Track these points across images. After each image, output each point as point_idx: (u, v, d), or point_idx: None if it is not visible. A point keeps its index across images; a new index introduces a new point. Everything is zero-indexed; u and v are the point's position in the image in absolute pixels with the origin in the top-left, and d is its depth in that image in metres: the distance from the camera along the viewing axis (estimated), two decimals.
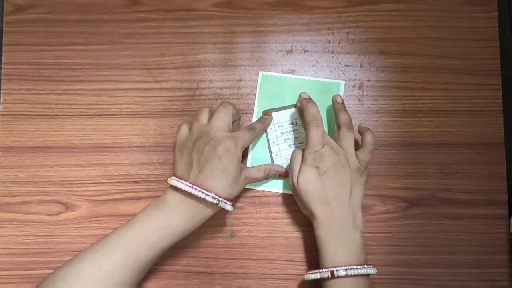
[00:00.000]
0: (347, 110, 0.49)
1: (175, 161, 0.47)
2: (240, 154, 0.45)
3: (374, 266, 0.44)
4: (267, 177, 0.49)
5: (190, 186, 0.42)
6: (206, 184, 0.43)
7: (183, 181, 0.43)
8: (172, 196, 0.44)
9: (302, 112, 0.49)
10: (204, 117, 0.47)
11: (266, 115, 0.51)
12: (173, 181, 0.44)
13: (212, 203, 0.42)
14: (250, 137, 0.47)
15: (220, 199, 0.43)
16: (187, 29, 0.54)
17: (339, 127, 0.48)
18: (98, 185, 0.52)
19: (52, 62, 0.54)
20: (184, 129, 0.48)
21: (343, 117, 0.48)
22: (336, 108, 0.49)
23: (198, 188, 0.42)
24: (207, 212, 0.44)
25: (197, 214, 0.44)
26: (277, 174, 0.50)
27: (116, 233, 0.44)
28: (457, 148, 0.52)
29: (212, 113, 0.47)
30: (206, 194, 0.42)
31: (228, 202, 0.44)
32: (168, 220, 0.43)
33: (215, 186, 0.43)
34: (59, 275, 0.42)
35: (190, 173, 0.44)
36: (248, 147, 0.52)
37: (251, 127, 0.48)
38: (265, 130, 0.52)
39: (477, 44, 0.53)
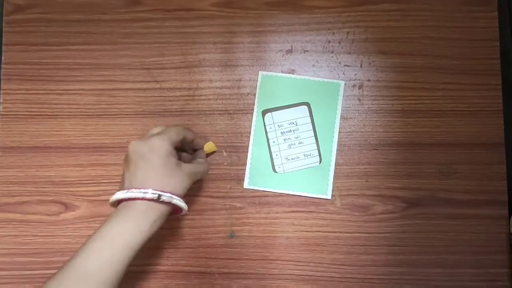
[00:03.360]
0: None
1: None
2: (168, 148, 0.42)
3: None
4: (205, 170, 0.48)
5: (124, 192, 0.40)
6: (137, 184, 0.41)
7: (119, 191, 0.41)
8: (120, 208, 0.41)
9: None
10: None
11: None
12: (112, 197, 0.41)
13: (153, 198, 0.40)
14: (176, 132, 0.44)
15: (160, 193, 0.40)
16: (187, 29, 0.54)
17: None
18: (98, 185, 0.52)
19: (51, 62, 0.54)
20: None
21: None
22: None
23: (133, 190, 0.40)
24: (158, 211, 0.41)
25: (149, 216, 0.41)
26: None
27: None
28: (456, 148, 0.52)
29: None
30: (144, 192, 0.40)
31: (173, 196, 0.41)
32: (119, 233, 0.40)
33: (150, 183, 0.40)
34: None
35: (125, 182, 0.42)
36: (248, 147, 0.52)
37: (184, 128, 0.46)
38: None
39: (477, 44, 0.53)
